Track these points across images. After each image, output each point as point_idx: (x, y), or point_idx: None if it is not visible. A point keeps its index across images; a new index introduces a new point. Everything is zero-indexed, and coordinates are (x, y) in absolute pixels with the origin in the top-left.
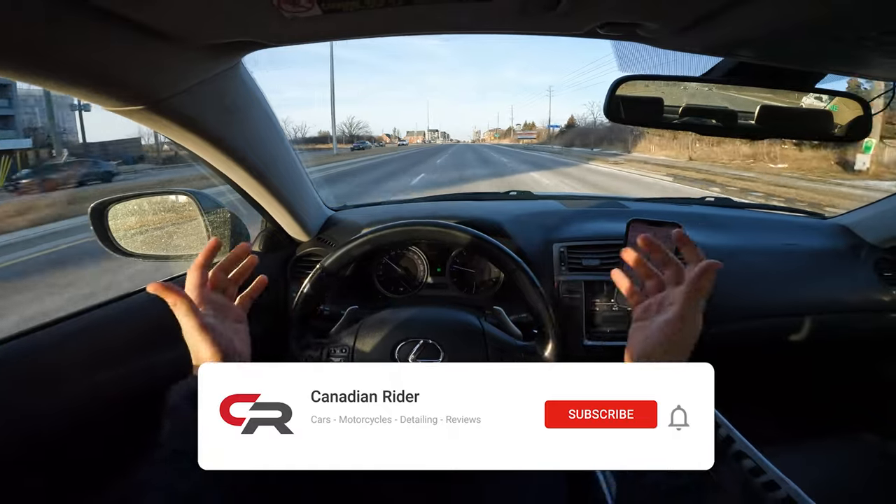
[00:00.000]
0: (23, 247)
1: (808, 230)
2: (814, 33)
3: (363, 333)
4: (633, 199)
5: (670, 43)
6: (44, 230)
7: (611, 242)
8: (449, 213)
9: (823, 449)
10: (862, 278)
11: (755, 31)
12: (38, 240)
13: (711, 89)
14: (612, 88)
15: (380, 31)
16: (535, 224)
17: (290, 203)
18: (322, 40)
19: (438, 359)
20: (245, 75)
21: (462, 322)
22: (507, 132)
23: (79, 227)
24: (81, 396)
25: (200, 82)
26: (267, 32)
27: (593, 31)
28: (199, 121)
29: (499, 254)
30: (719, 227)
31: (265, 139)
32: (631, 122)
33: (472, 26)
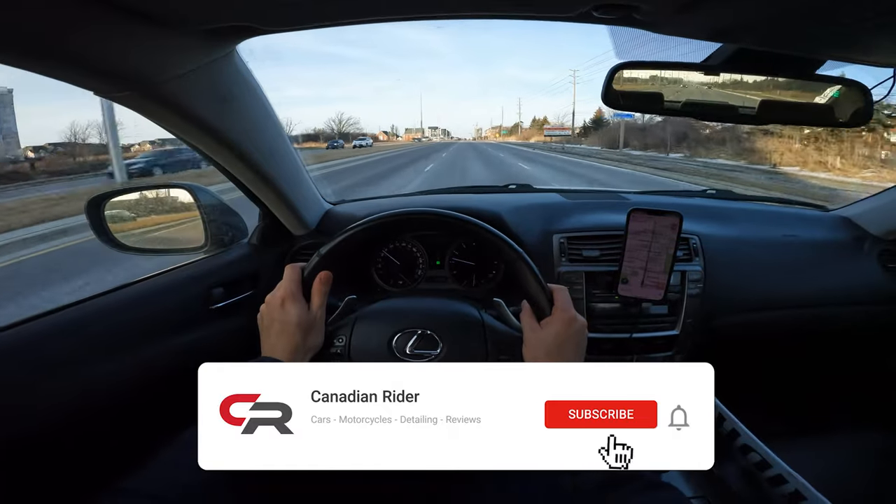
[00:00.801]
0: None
1: (810, 222)
2: (813, 16)
3: (360, 323)
4: (634, 192)
5: (667, 27)
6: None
7: (612, 233)
8: (448, 205)
9: (830, 443)
10: (866, 270)
11: (753, 13)
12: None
13: (710, 87)
14: (609, 75)
15: (374, 14)
16: (534, 215)
17: (288, 195)
18: (316, 26)
19: (437, 350)
20: (240, 64)
21: (461, 313)
22: (513, 128)
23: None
24: (74, 390)
25: (194, 69)
26: (260, 16)
27: (588, 14)
28: (192, 109)
29: (500, 243)
30: (721, 218)
31: (261, 130)
32: (630, 108)
33: (464, 8)
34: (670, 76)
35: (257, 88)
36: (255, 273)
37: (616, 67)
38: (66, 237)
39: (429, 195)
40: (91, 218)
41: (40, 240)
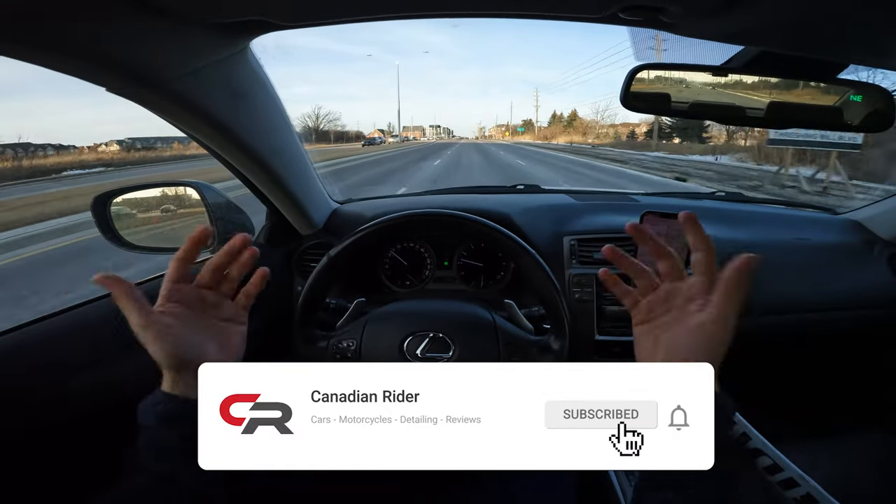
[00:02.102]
0: None
1: (819, 225)
2: (841, 19)
3: (371, 326)
4: (644, 194)
5: (692, 29)
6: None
7: (622, 236)
8: (456, 205)
9: (839, 446)
10: (876, 274)
11: (782, 15)
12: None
13: (721, 88)
14: (629, 76)
15: (390, 11)
16: (544, 217)
17: (296, 194)
18: (330, 22)
19: (448, 353)
20: (253, 61)
21: (473, 316)
22: (526, 126)
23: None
24: (48, 406)
25: (206, 65)
26: (274, 10)
27: (614, 15)
28: (203, 105)
29: (512, 244)
30: (731, 221)
31: (272, 128)
32: (645, 110)
33: (486, 6)
34: (681, 77)
35: (270, 86)
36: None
37: (635, 70)
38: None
39: (436, 195)
40: (97, 216)
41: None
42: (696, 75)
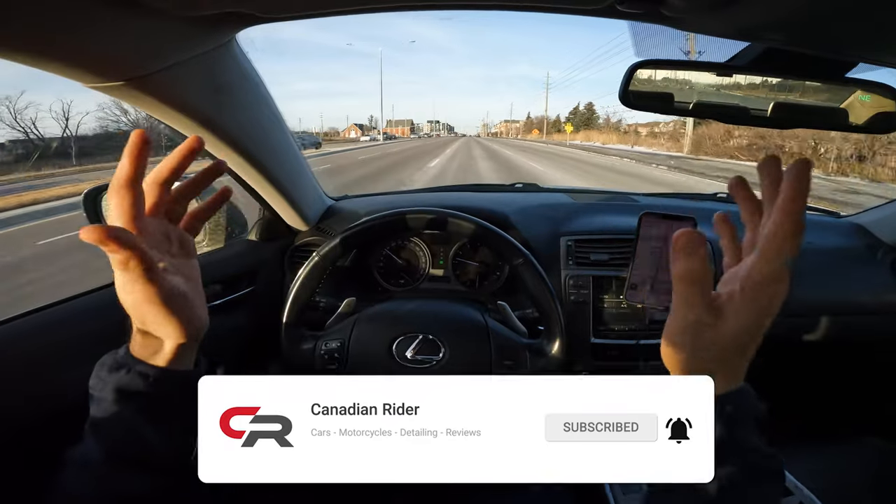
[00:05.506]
0: None
1: (822, 228)
2: (851, 15)
3: (360, 326)
4: (644, 194)
5: (694, 24)
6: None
7: (621, 237)
8: (453, 203)
9: (839, 454)
10: (878, 279)
11: (789, 10)
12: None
13: (725, 87)
14: (628, 73)
15: (382, 2)
16: (541, 216)
17: (289, 191)
18: (316, 14)
19: (438, 355)
20: (239, 54)
21: (465, 318)
22: (538, 124)
23: None
24: (62, 390)
25: (189, 59)
26: (252, 2)
27: (612, 7)
28: (187, 100)
29: (505, 245)
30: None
31: (261, 123)
32: (645, 108)
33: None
34: (684, 76)
35: (258, 81)
36: (253, 270)
37: (634, 66)
38: None
39: (433, 192)
40: (88, 210)
41: None
42: (698, 73)
